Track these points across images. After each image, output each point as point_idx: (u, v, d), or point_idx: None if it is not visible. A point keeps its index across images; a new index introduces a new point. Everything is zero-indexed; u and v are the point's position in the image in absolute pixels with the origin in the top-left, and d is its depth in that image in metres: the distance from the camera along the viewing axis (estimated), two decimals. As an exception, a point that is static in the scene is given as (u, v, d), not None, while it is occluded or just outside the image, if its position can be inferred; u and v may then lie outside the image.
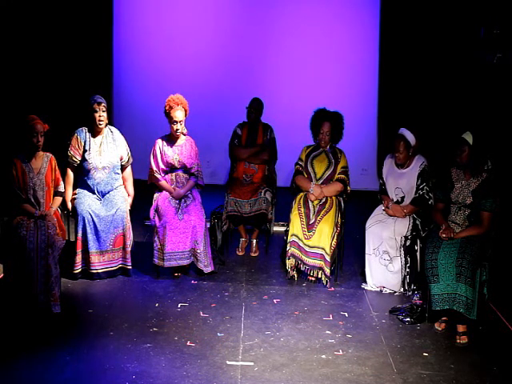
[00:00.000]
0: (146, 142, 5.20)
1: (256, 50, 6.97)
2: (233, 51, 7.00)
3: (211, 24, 6.96)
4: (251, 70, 6.98)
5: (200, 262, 4.72)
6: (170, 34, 6.98)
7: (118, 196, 4.76)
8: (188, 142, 4.93)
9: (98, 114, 4.67)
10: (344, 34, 6.93)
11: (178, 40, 6.99)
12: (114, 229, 4.65)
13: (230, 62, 6.99)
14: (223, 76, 6.99)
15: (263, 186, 5.19)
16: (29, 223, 4.19)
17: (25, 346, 3.69)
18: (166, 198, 4.82)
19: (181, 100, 4.80)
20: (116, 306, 4.26)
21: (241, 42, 6.98)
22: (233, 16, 7.00)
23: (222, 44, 6.97)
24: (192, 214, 4.73)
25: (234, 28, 6.97)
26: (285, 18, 6.91)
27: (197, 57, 6.98)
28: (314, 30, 6.92)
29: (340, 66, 6.96)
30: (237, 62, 7.00)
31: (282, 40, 6.94)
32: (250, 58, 6.99)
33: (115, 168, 4.78)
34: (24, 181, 4.27)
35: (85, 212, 4.60)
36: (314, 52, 6.93)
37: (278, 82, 6.96)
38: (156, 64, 7.02)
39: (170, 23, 6.97)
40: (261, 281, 4.75)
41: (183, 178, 4.91)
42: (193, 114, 4.97)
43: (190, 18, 7.00)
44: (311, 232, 4.66)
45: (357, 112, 6.74)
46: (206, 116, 6.88)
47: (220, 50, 6.98)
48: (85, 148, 4.71)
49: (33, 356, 3.59)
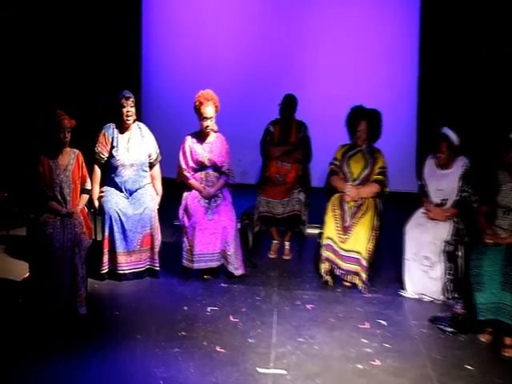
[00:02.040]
0: (175, 138, 5.21)
1: (290, 44, 6.97)
2: (266, 45, 7.00)
3: (243, 17, 6.98)
4: (285, 64, 6.98)
5: (230, 265, 4.72)
6: (200, 27, 7.03)
7: (145, 194, 4.80)
8: (218, 140, 4.95)
9: (126, 110, 4.71)
10: (382, 28, 6.89)
11: (208, 33, 7.04)
12: (141, 228, 4.69)
13: (263, 57, 7.00)
14: (255, 71, 7.00)
15: (296, 186, 5.17)
16: (55, 221, 4.24)
17: (49, 348, 3.73)
18: (196, 198, 4.85)
19: (211, 96, 4.82)
20: (143, 309, 4.28)
21: (274, 36, 6.99)
22: (266, 8, 7.03)
23: (254, 38, 6.98)
24: (222, 215, 4.74)
25: (267, 21, 6.98)
26: (321, 11, 6.89)
27: (228, 51, 7.02)
28: (352, 24, 6.91)
29: (378, 61, 6.92)
30: (270, 57, 7.00)
31: (318, 34, 6.93)
32: (284, 52, 7.00)
33: (143, 165, 4.82)
34: (50, 178, 4.33)
35: (112, 210, 4.64)
36: (352, 47, 6.91)
37: (312, 77, 6.94)
38: (186, 59, 7.09)
39: (200, 16, 7.02)
40: (293, 285, 4.73)
41: (213, 177, 4.92)
42: (223, 110, 4.96)
43: (221, 10, 7.04)
44: (347, 235, 4.63)
45: (395, 109, 6.67)
46: (238, 113, 6.90)
47: (252, 44, 6.99)
48: (112, 144, 4.76)
49: (57, 358, 3.63)
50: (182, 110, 6.42)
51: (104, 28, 6.71)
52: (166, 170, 5.25)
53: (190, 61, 7.05)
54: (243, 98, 6.97)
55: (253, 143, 5.59)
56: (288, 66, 7.00)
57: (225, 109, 5.05)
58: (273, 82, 6.97)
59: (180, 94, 6.94)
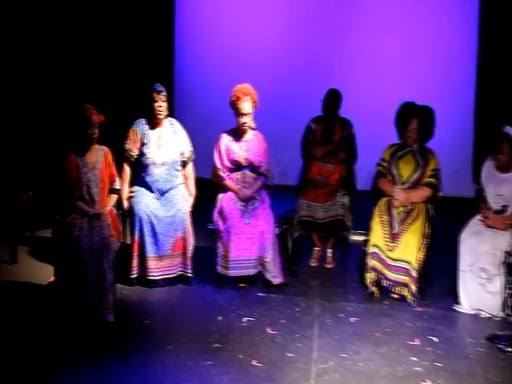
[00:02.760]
0: (209, 136, 5.24)
1: (334, 35, 6.99)
2: (307, 37, 7.03)
3: (283, 7, 7.01)
4: (328, 57, 6.99)
5: (268, 272, 4.72)
6: (236, 18, 7.10)
7: (178, 195, 4.83)
8: (256, 138, 4.96)
9: (158, 104, 4.74)
10: (436, 21, 6.88)
11: (245, 24, 7.10)
12: (173, 231, 4.72)
13: (304, 50, 7.02)
14: (296, 65, 7.02)
15: (340, 188, 5.15)
16: (82, 222, 4.29)
17: (75, 357, 3.76)
18: (231, 200, 4.86)
19: (249, 90, 4.83)
20: (175, 318, 4.29)
21: (317, 27, 7.01)
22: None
23: (294, 29, 7.01)
24: (260, 218, 4.74)
25: (309, 11, 7.02)
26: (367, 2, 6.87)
27: (267, 43, 7.06)
28: (402, 17, 6.90)
29: (431, 55, 6.88)
30: (312, 50, 7.02)
31: (364, 25, 6.93)
32: (328, 45, 7.02)
33: (175, 164, 4.86)
34: (77, 176, 4.38)
35: (142, 212, 4.68)
36: (401, 40, 6.89)
37: (358, 71, 6.93)
38: (222, 51, 7.17)
39: (236, 7, 7.08)
40: (336, 296, 4.70)
41: (250, 178, 4.93)
42: (262, 106, 4.97)
43: (260, 0, 7.06)
44: (395, 243, 4.57)
45: (449, 106, 6.62)
46: (277, 109, 6.94)
47: (292, 36, 7.02)
48: (143, 141, 4.80)
49: (83, 368, 3.65)
50: (217, 106, 6.39)
51: (136, 21, 6.87)
52: (200, 170, 5.30)
53: (225, 53, 7.14)
54: (283, 93, 7.00)
55: (293, 142, 5.59)
56: (332, 60, 7.01)
57: (263, 105, 5.05)
58: (315, 76, 6.99)
59: (215, 88, 7.02)
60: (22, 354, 3.74)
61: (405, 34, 6.92)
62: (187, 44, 7.32)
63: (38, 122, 6.08)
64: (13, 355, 3.73)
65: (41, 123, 5.97)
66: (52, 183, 4.51)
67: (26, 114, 6.06)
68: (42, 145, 5.73)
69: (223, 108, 5.20)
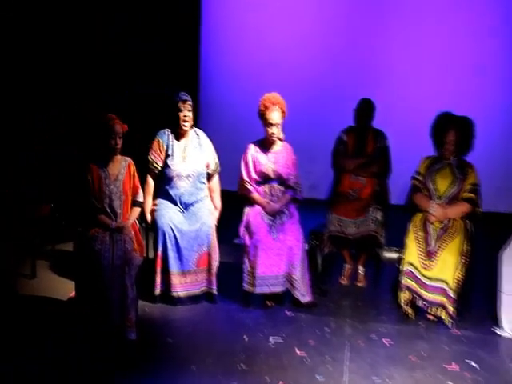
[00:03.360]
0: (236, 147, 5.28)
1: (367, 42, 7.01)
2: (338, 44, 7.06)
3: (313, 12, 7.03)
4: (360, 66, 7.01)
5: (296, 290, 4.73)
6: (265, 23, 7.17)
7: (203, 209, 4.88)
8: (285, 149, 4.99)
9: (183, 114, 4.80)
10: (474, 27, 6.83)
11: (274, 31, 7.15)
12: (198, 246, 4.75)
13: (335, 58, 7.04)
14: (326, 73, 7.04)
15: (373, 203, 5.15)
16: (104, 236, 4.35)
17: (95, 376, 3.80)
18: (259, 214, 4.89)
19: (278, 99, 4.87)
20: (199, 337, 4.32)
21: (348, 35, 7.06)
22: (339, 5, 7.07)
23: (325, 36, 7.05)
24: (288, 233, 4.76)
25: (340, 18, 7.05)
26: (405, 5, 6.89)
27: (297, 50, 7.09)
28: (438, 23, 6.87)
29: (468, 63, 6.87)
30: (343, 58, 7.05)
31: (401, 31, 6.94)
32: (359, 52, 7.04)
33: (201, 176, 4.91)
34: (100, 188, 4.44)
35: (166, 226, 4.72)
36: (437, 47, 6.87)
37: (392, 80, 6.94)
38: (249, 57, 7.23)
39: (265, 11, 7.14)
40: (368, 317, 4.68)
41: (278, 191, 4.96)
42: (291, 116, 5.00)
43: (289, 5, 7.12)
44: (431, 261, 4.54)
45: (489, 117, 6.59)
46: (306, 119, 6.98)
47: (323, 43, 7.04)
48: (167, 153, 4.86)
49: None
50: (244, 115, 6.49)
51: (158, 22, 6.97)
52: (226, 182, 5.34)
53: (253, 60, 7.20)
54: (313, 103, 7.03)
55: (323, 154, 5.60)
56: (363, 67, 7.02)
57: (292, 115, 5.08)
58: (346, 85, 7.00)
59: (242, 96, 7.08)
60: (41, 373, 3.79)
61: (441, 40, 6.90)
62: (213, 49, 7.39)
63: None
64: (33, 372, 3.78)
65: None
66: (73, 195, 4.57)
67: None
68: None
69: (250, 117, 5.23)
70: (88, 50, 6.92)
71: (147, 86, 7.14)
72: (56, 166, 5.83)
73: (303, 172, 5.17)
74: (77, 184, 4.52)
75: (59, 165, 5.89)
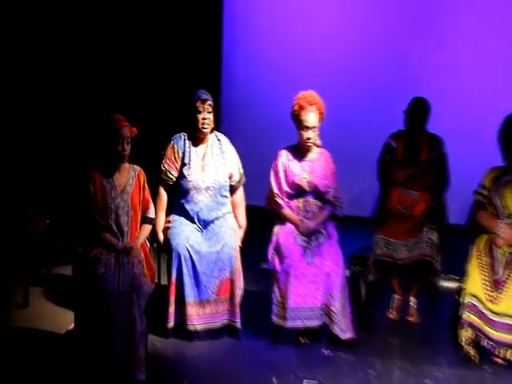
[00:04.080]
0: (264, 154, 5.30)
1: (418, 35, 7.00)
2: (383, 36, 7.09)
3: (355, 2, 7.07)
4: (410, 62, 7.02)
5: (335, 325, 4.67)
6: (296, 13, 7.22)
7: (225, 227, 4.86)
8: (322, 157, 4.97)
9: (202, 116, 4.80)
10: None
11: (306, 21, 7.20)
12: (218, 271, 4.73)
13: (381, 53, 7.05)
14: (369, 69, 7.06)
15: (427, 222, 5.11)
16: (108, 258, 4.33)
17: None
18: (291, 233, 4.86)
19: (315, 99, 4.86)
20: (219, 378, 4.29)
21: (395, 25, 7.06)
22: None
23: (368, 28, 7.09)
24: (326, 257, 4.72)
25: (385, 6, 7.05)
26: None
27: (335, 42, 7.15)
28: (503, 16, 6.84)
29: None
30: (389, 51, 7.06)
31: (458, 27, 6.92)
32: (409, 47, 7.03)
33: (222, 189, 4.90)
34: (104, 201, 4.42)
35: (181, 247, 4.71)
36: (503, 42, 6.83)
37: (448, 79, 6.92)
38: (280, 50, 7.29)
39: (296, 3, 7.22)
40: (422, 358, 4.62)
41: (314, 207, 4.93)
42: (329, 118, 4.99)
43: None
44: (499, 292, 4.46)
45: None
46: (348, 122, 6.99)
47: (365, 35, 7.08)
48: (183, 161, 4.86)
49: None
50: (274, 118, 6.57)
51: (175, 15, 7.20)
52: (252, 196, 5.34)
53: (285, 52, 7.25)
54: (355, 104, 7.04)
55: (367, 163, 5.58)
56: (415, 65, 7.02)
57: (330, 117, 5.05)
58: (394, 83, 7.00)
59: (271, 96, 7.14)
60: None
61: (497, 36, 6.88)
62: (237, 41, 7.48)
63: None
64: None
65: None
66: (73, 209, 4.59)
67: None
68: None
69: (281, 120, 5.24)
70: (91, 48, 7.22)
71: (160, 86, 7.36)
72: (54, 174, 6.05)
73: (344, 184, 5.13)
74: (77, 196, 4.52)
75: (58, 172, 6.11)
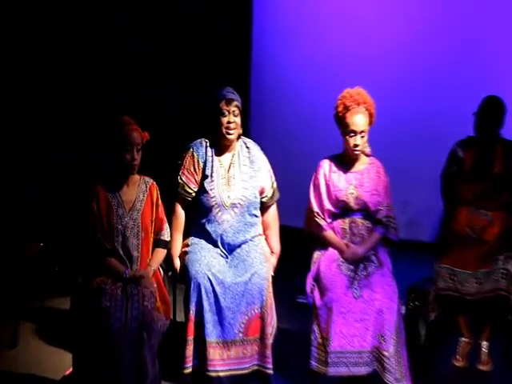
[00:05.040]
0: (300, 165, 5.34)
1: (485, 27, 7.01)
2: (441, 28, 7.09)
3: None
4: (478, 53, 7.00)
5: (389, 373, 4.61)
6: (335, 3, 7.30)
7: (254, 252, 4.85)
8: (373, 168, 4.98)
9: (228, 119, 4.81)
10: None
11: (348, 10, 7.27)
12: (246, 306, 4.71)
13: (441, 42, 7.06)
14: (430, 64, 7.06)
15: (503, 248, 5.09)
16: (114, 289, 4.37)
17: None
18: (334, 261, 4.85)
19: (363, 98, 4.88)
20: None
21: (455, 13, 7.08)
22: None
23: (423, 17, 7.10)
24: (376, 290, 4.69)
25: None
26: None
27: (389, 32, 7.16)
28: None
29: None
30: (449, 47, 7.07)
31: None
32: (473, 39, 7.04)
33: (252, 206, 4.91)
34: (109, 220, 4.49)
35: (201, 276, 4.70)
36: None
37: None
38: (320, 40, 7.36)
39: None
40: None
41: (363, 228, 4.93)
42: (380, 122, 5.01)
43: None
44: None
45: None
46: (403, 127, 6.99)
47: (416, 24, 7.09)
48: (205, 172, 4.88)
49: None
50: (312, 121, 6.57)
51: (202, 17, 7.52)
52: (286, 215, 5.35)
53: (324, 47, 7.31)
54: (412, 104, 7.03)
55: (427, 176, 5.62)
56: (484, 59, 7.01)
57: (382, 120, 5.08)
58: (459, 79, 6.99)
59: (309, 95, 7.21)
60: None
61: None
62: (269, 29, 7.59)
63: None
64: None
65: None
66: (72, 230, 4.66)
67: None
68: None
69: (322, 124, 5.27)
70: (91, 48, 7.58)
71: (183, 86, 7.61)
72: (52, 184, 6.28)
73: (398, 201, 5.16)
74: (77, 214, 4.61)
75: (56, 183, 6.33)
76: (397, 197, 5.11)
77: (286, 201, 5.24)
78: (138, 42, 7.65)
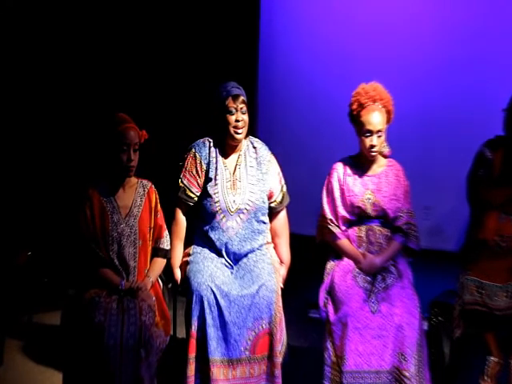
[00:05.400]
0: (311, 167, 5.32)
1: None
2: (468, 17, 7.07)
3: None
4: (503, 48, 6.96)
5: (410, 395, 4.66)
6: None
7: (262, 262, 4.83)
8: (391, 171, 4.98)
9: (235, 117, 4.79)
10: None
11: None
12: (253, 321, 4.68)
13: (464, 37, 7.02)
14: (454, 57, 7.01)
15: (536, 260, 5.07)
16: (109, 302, 4.35)
17: None
18: (349, 272, 4.85)
19: (380, 93, 4.87)
20: None
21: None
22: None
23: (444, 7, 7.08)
24: (396, 304, 4.67)
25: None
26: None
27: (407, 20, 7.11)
28: None
29: None
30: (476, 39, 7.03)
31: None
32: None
33: (259, 212, 4.89)
34: (104, 227, 4.47)
35: (204, 288, 4.67)
36: None
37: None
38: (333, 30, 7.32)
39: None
40: None
41: (381, 237, 4.93)
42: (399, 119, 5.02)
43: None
44: None
45: None
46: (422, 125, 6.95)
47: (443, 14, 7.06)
48: (208, 175, 4.86)
49: None
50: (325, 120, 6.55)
51: None
52: (297, 222, 5.37)
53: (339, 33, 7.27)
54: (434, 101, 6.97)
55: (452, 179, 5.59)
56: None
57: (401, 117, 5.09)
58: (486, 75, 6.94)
59: (321, 91, 7.15)
60: None
61: None
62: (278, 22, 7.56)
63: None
64: None
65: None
66: (62, 238, 4.63)
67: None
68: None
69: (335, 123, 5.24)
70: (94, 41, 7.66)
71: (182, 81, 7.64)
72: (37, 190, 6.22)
73: (419, 207, 5.15)
74: (68, 220, 4.57)
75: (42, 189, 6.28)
76: (418, 202, 5.12)
77: (297, 206, 5.21)
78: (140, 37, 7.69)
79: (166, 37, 7.66)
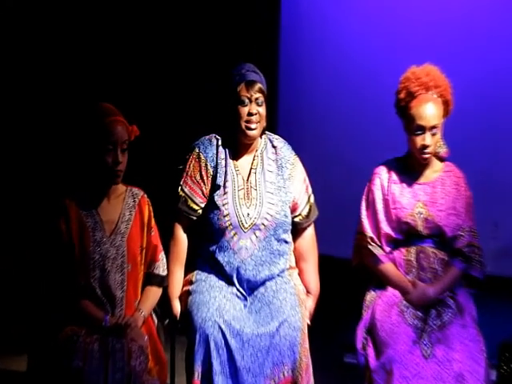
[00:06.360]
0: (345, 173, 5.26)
1: None
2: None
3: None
4: None
5: None
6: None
7: (284, 293, 4.77)
8: (450, 178, 4.92)
9: (248, 109, 4.73)
10: None
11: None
12: (273, 367, 4.61)
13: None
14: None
15: None
16: (89, 343, 4.29)
17: None
18: (395, 306, 4.78)
19: (435, 79, 4.82)
20: None
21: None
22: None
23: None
24: (455, 347, 4.59)
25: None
26: None
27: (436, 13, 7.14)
28: None
29: None
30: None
31: None
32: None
33: (280, 228, 4.83)
34: (83, 249, 4.41)
35: (210, 325, 4.60)
36: None
37: None
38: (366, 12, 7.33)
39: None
40: None
41: (436, 261, 4.86)
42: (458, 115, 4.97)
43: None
44: None
45: None
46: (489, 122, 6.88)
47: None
48: (215, 181, 4.80)
49: None
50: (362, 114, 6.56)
51: None
52: (326, 241, 5.31)
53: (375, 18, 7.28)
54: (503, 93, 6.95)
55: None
56: None
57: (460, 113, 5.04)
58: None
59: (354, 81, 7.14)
60: None
61: None
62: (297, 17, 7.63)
63: None
64: None
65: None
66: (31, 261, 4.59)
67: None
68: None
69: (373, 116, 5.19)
70: None
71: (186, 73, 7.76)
72: None
73: (485, 224, 5.08)
74: (38, 239, 4.55)
75: None
76: (483, 218, 5.06)
77: (327, 221, 5.16)
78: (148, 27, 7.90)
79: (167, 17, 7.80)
